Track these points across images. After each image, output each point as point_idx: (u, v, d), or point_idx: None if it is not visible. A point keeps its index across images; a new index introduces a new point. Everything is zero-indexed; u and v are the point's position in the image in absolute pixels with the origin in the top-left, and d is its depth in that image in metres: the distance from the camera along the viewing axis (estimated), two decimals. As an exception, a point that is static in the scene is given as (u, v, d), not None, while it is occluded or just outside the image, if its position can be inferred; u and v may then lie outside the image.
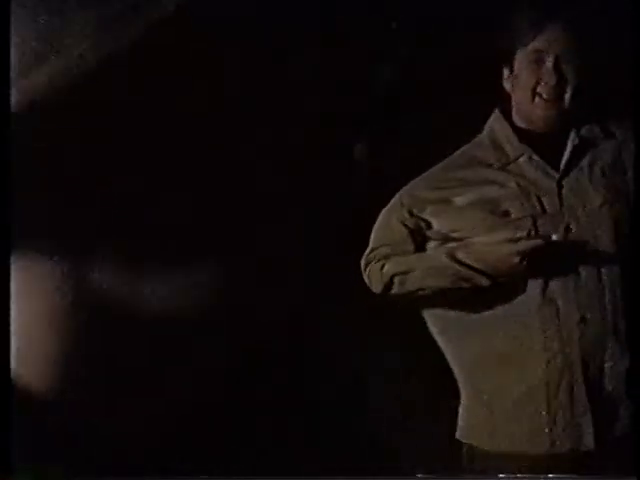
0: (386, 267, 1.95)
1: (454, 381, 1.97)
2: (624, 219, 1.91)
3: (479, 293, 1.90)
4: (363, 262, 1.98)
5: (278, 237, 0.98)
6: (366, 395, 1.13)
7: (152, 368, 0.96)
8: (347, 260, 1.65)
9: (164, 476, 0.94)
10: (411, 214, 1.96)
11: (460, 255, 1.89)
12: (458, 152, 1.96)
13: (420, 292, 1.93)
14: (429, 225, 1.96)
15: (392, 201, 1.97)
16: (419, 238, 1.96)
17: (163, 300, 1.08)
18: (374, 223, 2.01)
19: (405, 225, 1.95)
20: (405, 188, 1.96)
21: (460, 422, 1.95)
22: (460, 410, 1.96)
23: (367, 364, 1.18)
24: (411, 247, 1.95)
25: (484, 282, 1.87)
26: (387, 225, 1.98)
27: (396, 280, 1.95)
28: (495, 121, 1.96)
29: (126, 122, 0.87)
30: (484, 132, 1.96)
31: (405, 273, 1.95)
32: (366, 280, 1.99)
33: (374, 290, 1.98)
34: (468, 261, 1.88)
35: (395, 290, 1.94)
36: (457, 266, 1.88)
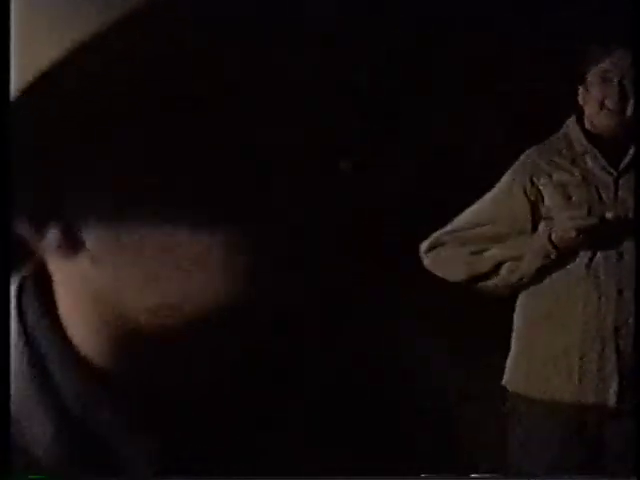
0: (491, 251, 2.30)
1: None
2: None
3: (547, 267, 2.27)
4: (425, 246, 2.34)
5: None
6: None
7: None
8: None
9: (164, 476, 0.86)
10: (532, 182, 2.30)
11: (553, 235, 2.24)
12: (544, 142, 2.37)
13: (523, 280, 2.30)
14: (543, 199, 2.29)
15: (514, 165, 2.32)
16: (537, 215, 2.29)
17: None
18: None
19: (527, 196, 2.28)
20: (526, 153, 2.33)
21: (506, 372, 2.33)
22: (508, 362, 2.34)
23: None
24: (529, 225, 2.28)
25: (554, 256, 2.24)
26: (506, 196, 2.31)
27: (505, 267, 2.30)
28: (570, 123, 2.36)
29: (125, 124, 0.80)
30: (561, 131, 2.37)
31: (517, 259, 2.28)
32: (429, 266, 2.34)
33: (450, 278, 2.35)
34: (555, 240, 2.24)
35: (498, 280, 2.31)
36: (550, 247, 2.24)
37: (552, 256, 2.24)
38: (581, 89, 2.35)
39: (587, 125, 2.35)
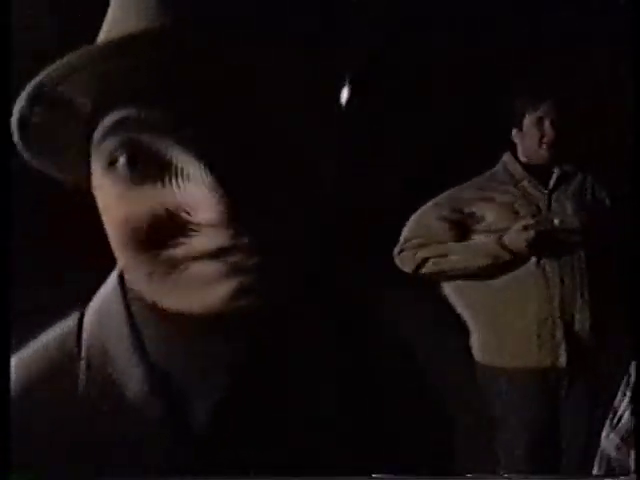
0: (419, 253, 3.04)
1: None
2: (590, 222, 2.98)
3: (497, 265, 3.01)
4: (397, 249, 3.06)
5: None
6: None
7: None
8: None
9: (164, 476, 0.89)
10: (454, 210, 3.06)
11: (506, 241, 2.96)
12: (479, 177, 3.12)
13: (452, 272, 3.04)
14: (479, 219, 3.04)
15: (429, 204, 3.07)
16: (459, 231, 3.05)
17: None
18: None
19: (447, 220, 3.05)
20: (441, 196, 3.08)
21: (475, 350, 3.04)
22: (474, 343, 3.04)
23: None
24: (447, 239, 3.04)
25: (508, 257, 2.96)
26: (423, 223, 3.06)
27: (430, 262, 3.05)
28: (506, 157, 3.13)
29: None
30: (498, 165, 3.13)
31: (442, 256, 3.05)
32: (398, 263, 3.07)
33: (406, 270, 3.05)
34: (509, 245, 2.96)
35: (425, 270, 3.04)
36: (500, 250, 2.97)
37: (506, 258, 2.96)
38: (515, 131, 3.11)
39: (522, 158, 3.11)
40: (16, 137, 0.84)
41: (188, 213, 0.75)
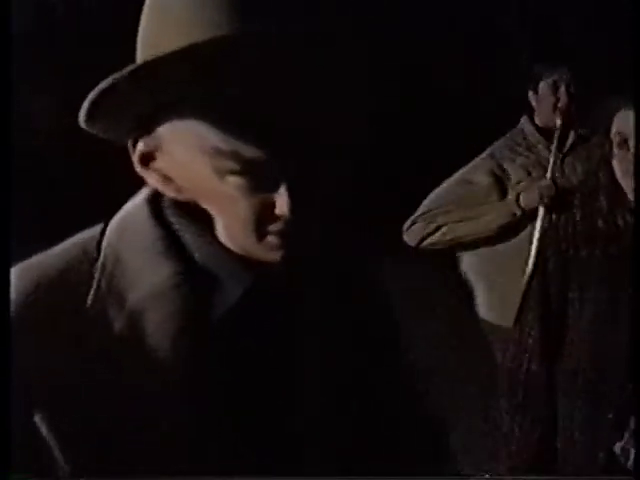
0: (434, 222, 3.07)
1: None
2: (598, 187, 2.92)
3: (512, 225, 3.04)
4: (408, 223, 3.11)
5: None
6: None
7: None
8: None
9: (164, 476, 0.90)
10: (499, 165, 3.09)
11: (521, 199, 3.00)
12: (505, 136, 3.16)
13: (465, 237, 3.08)
14: (509, 178, 3.07)
15: (476, 160, 3.12)
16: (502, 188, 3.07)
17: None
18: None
19: (494, 174, 3.08)
20: (486, 151, 3.13)
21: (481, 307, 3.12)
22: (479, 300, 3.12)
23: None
24: (494, 198, 3.06)
25: (519, 214, 3.00)
26: (451, 191, 3.11)
27: (443, 229, 3.07)
28: (524, 121, 3.15)
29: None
30: (516, 128, 3.15)
31: (460, 221, 3.07)
32: (406, 238, 3.13)
33: (411, 243, 3.13)
34: (522, 203, 2.99)
35: (432, 240, 3.09)
36: (516, 207, 2.99)
37: (518, 214, 2.99)
38: (531, 93, 3.12)
39: (537, 122, 3.11)
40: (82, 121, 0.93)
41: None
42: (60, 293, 0.99)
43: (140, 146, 0.99)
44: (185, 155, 0.96)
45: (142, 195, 1.06)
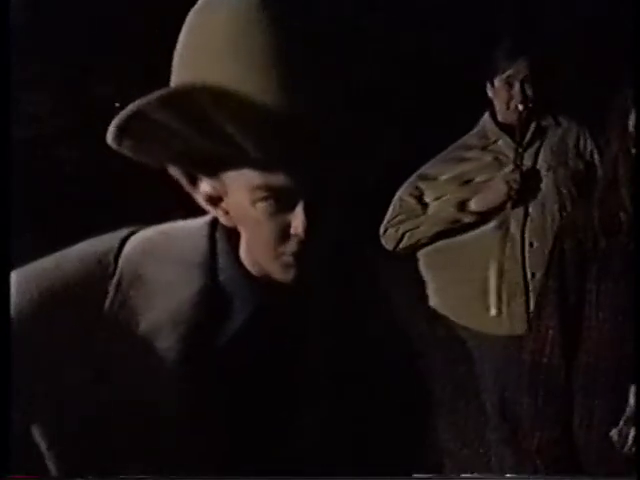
0: (401, 228, 3.11)
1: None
2: (562, 180, 2.98)
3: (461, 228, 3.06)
4: (382, 229, 3.15)
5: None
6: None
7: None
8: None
9: (164, 476, 0.90)
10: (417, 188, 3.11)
11: (469, 204, 3.01)
12: (459, 141, 3.14)
13: (422, 241, 3.11)
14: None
15: (409, 180, 3.12)
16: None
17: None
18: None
19: (413, 196, 3.11)
20: (419, 170, 3.14)
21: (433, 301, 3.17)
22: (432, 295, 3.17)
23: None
24: (420, 211, 3.09)
25: (470, 219, 3.00)
26: (399, 200, 3.13)
27: (406, 235, 3.11)
28: (485, 117, 3.10)
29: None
30: (478, 126, 3.13)
31: (415, 228, 3.10)
32: (383, 242, 3.16)
33: (388, 248, 3.15)
34: (472, 207, 3.00)
35: (403, 244, 3.11)
36: (457, 213, 3.00)
37: (467, 220, 3.00)
38: (489, 86, 3.05)
39: (499, 118, 3.06)
40: (111, 141, 0.93)
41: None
42: (68, 306, 0.98)
43: (206, 188, 1.04)
44: (239, 195, 1.01)
45: (204, 219, 1.12)
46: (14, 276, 0.99)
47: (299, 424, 1.03)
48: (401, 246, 3.14)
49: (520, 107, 2.95)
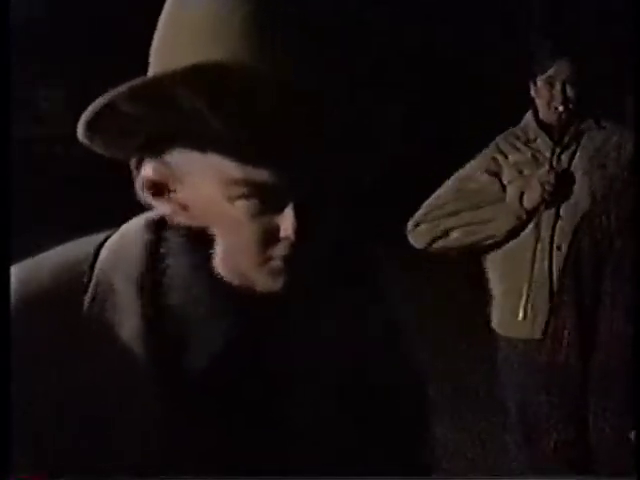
0: (442, 225, 2.98)
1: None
2: (598, 184, 2.92)
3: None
4: (412, 224, 3.02)
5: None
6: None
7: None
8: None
9: (164, 476, 0.89)
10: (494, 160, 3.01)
11: (524, 200, 2.92)
12: (509, 130, 3.11)
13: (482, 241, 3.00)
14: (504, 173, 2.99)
15: (476, 157, 3.04)
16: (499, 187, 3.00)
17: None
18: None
19: (491, 173, 3.01)
20: (487, 147, 3.06)
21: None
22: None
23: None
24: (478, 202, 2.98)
25: (524, 216, 2.94)
26: (456, 188, 3.03)
27: (455, 233, 2.98)
28: (527, 116, 3.09)
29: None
30: (523, 121, 3.10)
31: (472, 225, 2.98)
32: (410, 239, 3.05)
33: (418, 246, 3.05)
34: (525, 204, 2.93)
35: (443, 243, 3.01)
36: (521, 209, 2.93)
37: (524, 217, 2.94)
38: (532, 86, 3.04)
39: (540, 116, 3.05)
40: (81, 134, 0.88)
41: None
42: (44, 316, 0.93)
43: (149, 173, 0.93)
44: (207, 187, 0.91)
45: (142, 221, 1.00)
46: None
47: (299, 424, 0.98)
48: (439, 245, 3.05)
49: (560, 108, 2.95)
